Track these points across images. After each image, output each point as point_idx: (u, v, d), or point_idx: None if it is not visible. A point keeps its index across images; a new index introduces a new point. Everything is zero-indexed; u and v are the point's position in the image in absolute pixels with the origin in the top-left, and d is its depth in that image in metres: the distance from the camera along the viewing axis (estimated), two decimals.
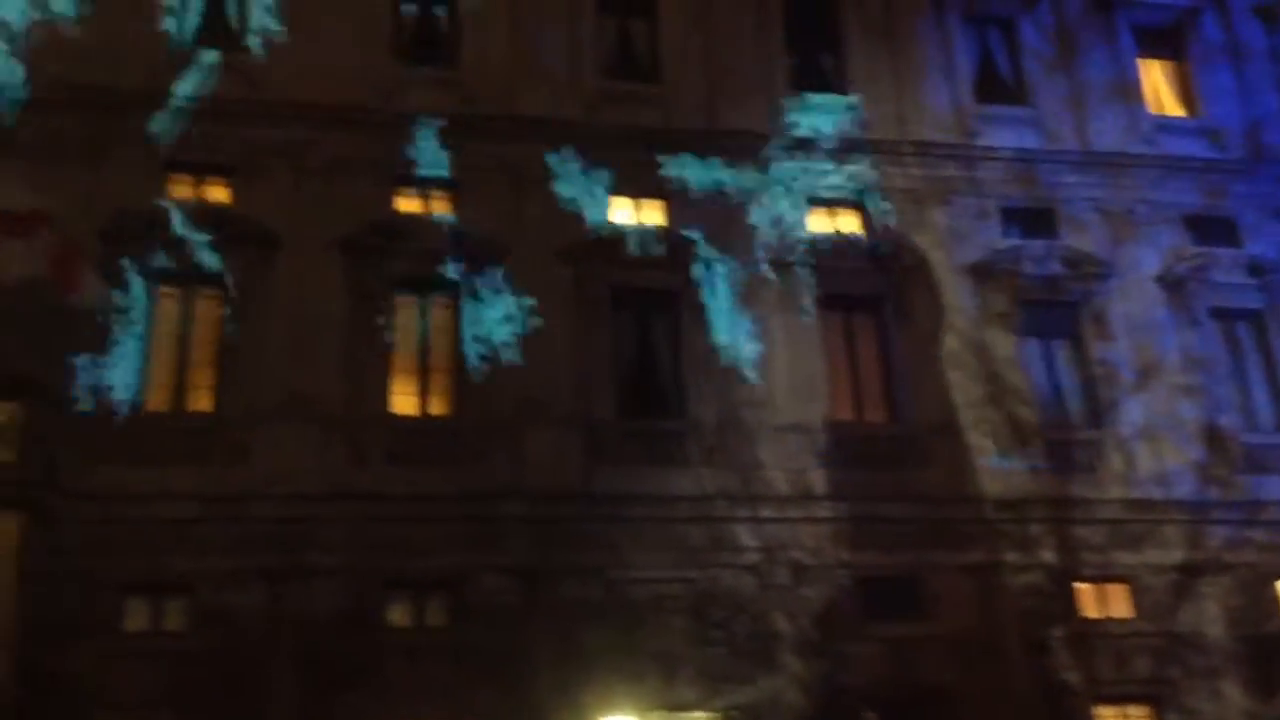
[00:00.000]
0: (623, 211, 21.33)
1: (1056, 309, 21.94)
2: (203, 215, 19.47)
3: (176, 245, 19.07)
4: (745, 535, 19.10)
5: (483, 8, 21.99)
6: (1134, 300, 22.06)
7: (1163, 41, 24.76)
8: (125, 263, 18.69)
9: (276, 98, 20.36)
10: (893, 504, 19.64)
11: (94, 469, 17.19)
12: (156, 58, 20.23)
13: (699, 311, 20.65)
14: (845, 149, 22.22)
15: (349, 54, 20.93)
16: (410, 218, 20.42)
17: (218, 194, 19.98)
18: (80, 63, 19.57)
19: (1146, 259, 22.42)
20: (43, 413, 16.28)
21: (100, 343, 17.92)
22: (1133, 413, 21.24)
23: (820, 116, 22.55)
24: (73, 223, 18.03)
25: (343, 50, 20.91)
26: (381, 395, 19.20)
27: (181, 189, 19.86)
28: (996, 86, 23.77)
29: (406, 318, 19.94)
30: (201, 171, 19.98)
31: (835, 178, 22.08)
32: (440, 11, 22.20)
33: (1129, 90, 23.95)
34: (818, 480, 19.70)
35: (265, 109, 20.25)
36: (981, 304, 21.53)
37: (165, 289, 19.14)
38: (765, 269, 21.14)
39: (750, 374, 20.33)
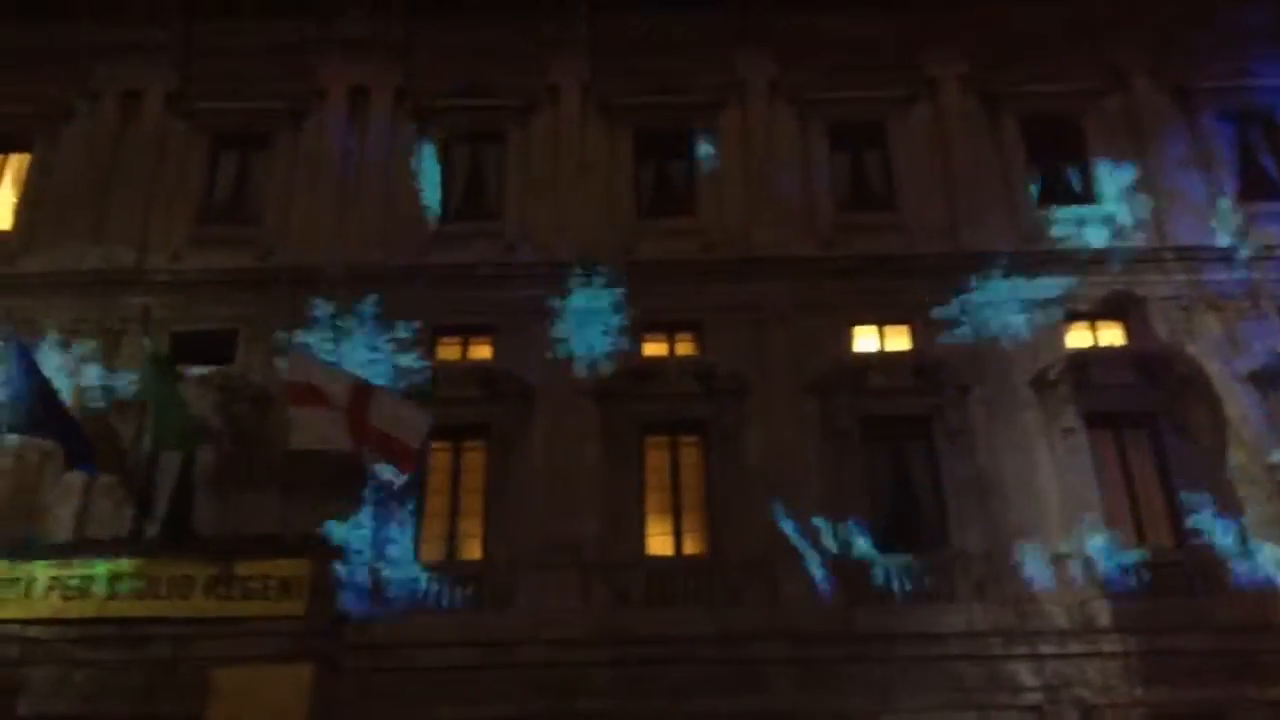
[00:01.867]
0: (868, 340, 21.20)
1: None
2: (467, 373, 20.65)
3: (445, 403, 20.24)
4: (1025, 674, 17.99)
5: (717, 158, 22.76)
6: None
7: None
8: None
9: (532, 259, 21.63)
10: (1188, 635, 18.08)
11: (374, 619, 18.16)
12: (420, 234, 22.00)
13: (955, 436, 20.06)
14: (1101, 259, 21.41)
15: (592, 213, 22.09)
16: (657, 360, 20.98)
17: (481, 352, 21.21)
18: (354, 247, 21.53)
19: None
20: (329, 567, 17.33)
21: (380, 498, 19.10)
22: None
23: (1071, 229, 21.96)
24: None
25: (587, 210, 22.09)
26: (638, 537, 19.47)
27: (448, 350, 21.23)
28: (1262, 183, 22.43)
29: (658, 459, 20.31)
30: (465, 333, 21.32)
31: (1093, 290, 21.25)
32: (677, 167, 23.13)
33: None
34: (1101, 612, 18.41)
35: (522, 271, 21.51)
36: (1270, 414, 19.87)
37: (437, 444, 20.23)
38: (1024, 389, 20.35)
39: (1017, 499, 19.43)
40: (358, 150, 22.80)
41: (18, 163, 23.14)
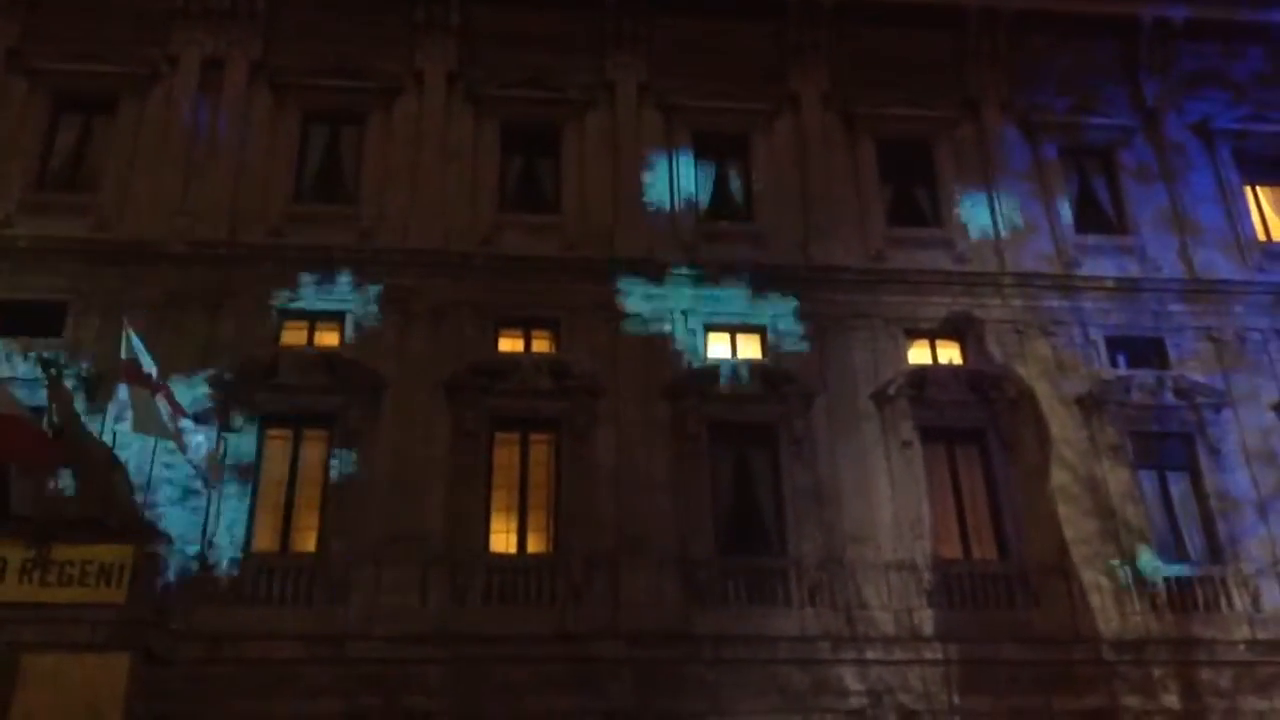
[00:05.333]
0: (720, 347, 21.50)
1: (1170, 440, 21.19)
2: (313, 361, 20.16)
3: (287, 390, 19.72)
4: (850, 678, 18.52)
5: (584, 157, 22.73)
6: (1252, 430, 21.23)
7: (1268, 168, 24.38)
8: (238, 407, 19.41)
9: (387, 246, 21.22)
10: (1005, 645, 18.89)
11: (201, 610, 17.57)
12: (271, 214, 21.34)
13: (798, 446, 20.47)
14: (943, 281, 22.19)
15: (455, 205, 21.77)
16: (511, 357, 20.83)
17: (328, 339, 20.70)
18: (199, 222, 20.81)
19: (1265, 388, 21.63)
20: (153, 555, 16.65)
21: (211, 486, 18.40)
22: (1256, 548, 20.22)
23: (917, 250, 22.67)
24: (192, 369, 18.94)
25: (449, 201, 21.76)
26: (481, 533, 19.31)
27: (294, 336, 20.68)
28: (1097, 216, 23.62)
29: (506, 455, 20.17)
30: (313, 319, 20.78)
31: (933, 310, 21.98)
32: (542, 162, 23.04)
33: (1234, 216, 23.50)
34: (925, 621, 19.09)
35: (376, 257, 21.09)
36: (1091, 436, 20.93)
37: (274, 432, 19.71)
38: (865, 401, 20.94)
39: (852, 508, 19.98)
40: (208, 123, 22.03)
41: None
